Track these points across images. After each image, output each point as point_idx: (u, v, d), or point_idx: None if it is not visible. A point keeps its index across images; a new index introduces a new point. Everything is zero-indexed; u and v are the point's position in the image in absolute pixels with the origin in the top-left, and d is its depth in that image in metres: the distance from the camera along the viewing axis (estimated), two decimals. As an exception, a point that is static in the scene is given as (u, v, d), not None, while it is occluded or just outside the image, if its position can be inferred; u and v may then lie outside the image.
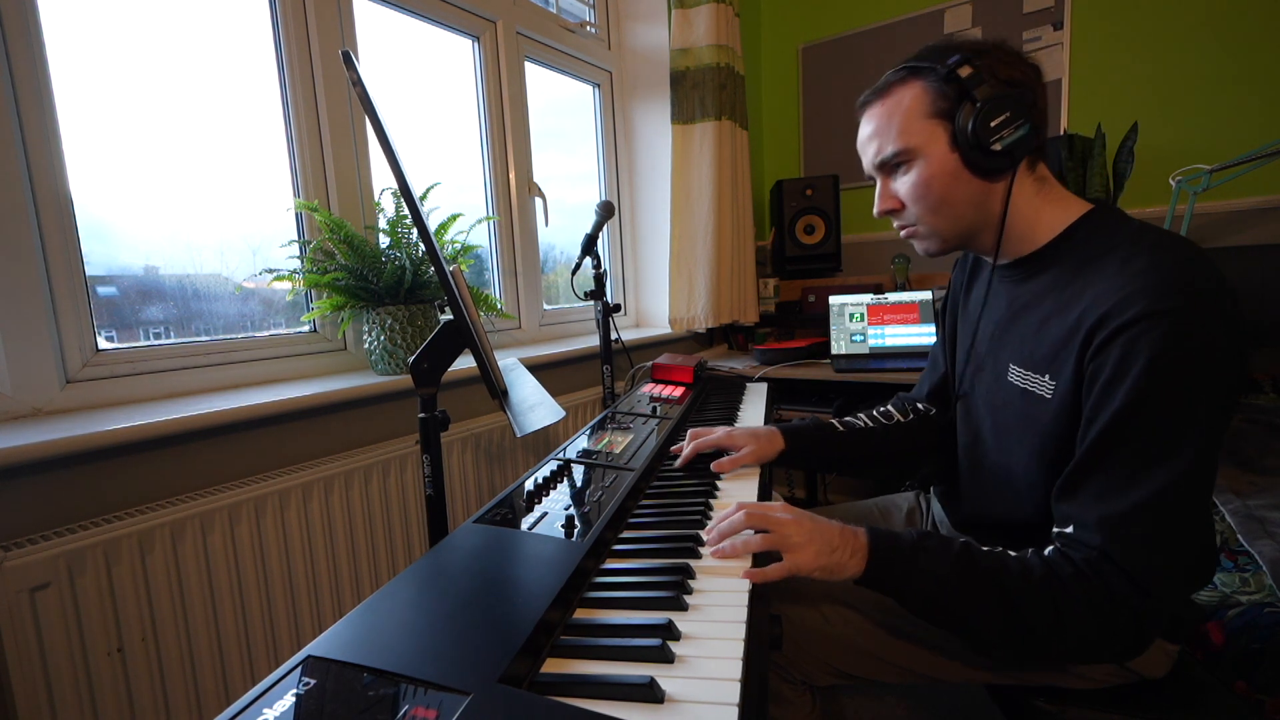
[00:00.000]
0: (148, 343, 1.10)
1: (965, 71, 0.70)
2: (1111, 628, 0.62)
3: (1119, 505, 0.62)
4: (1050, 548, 0.67)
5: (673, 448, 1.01)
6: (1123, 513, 0.61)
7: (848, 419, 1.07)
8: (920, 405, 1.08)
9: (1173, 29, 1.92)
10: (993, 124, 0.69)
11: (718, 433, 0.98)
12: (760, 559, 0.66)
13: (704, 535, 0.70)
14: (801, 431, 1.01)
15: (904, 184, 0.77)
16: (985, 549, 0.68)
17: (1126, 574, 0.61)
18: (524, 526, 0.68)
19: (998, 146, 0.70)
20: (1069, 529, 0.66)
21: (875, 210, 0.82)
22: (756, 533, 0.67)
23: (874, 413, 1.08)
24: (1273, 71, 1.81)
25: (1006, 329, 0.81)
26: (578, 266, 1.48)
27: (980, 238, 0.79)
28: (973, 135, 0.70)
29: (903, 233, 0.82)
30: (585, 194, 2.25)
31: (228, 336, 1.20)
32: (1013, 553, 0.67)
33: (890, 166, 0.78)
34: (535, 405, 0.93)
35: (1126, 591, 0.61)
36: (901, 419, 1.06)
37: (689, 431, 1.00)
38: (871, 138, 0.79)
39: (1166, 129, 1.95)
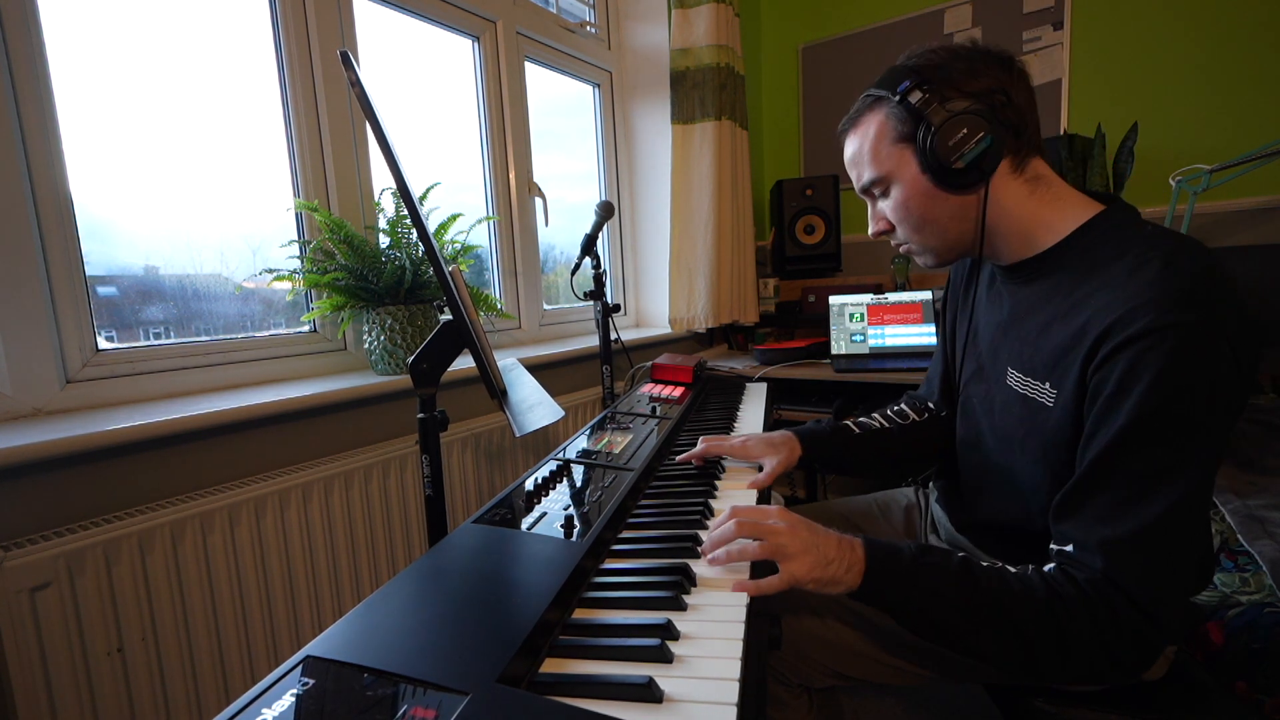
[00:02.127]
0: (148, 343, 1.10)
1: (915, 97, 0.71)
2: (1116, 650, 0.61)
3: (1121, 528, 0.60)
4: (1051, 565, 0.66)
5: (679, 456, 0.99)
6: (1125, 536, 0.60)
7: (862, 420, 1.06)
8: (931, 404, 1.07)
9: (1173, 29, 1.92)
10: (950, 144, 0.69)
11: (733, 441, 0.98)
12: (758, 567, 0.65)
13: (702, 542, 0.69)
14: (818, 436, 1.01)
15: (887, 207, 0.80)
16: (985, 565, 0.67)
17: (1130, 598, 0.60)
18: (523, 526, 0.68)
19: (960, 165, 0.70)
20: (1068, 548, 0.65)
21: (870, 232, 0.85)
22: (753, 540, 0.66)
23: (888, 412, 1.08)
24: (1273, 71, 1.81)
25: (1006, 332, 0.81)
26: (577, 266, 1.48)
27: (976, 247, 0.79)
28: (933, 157, 0.70)
29: (900, 250, 0.84)
30: (585, 194, 2.25)
31: (228, 336, 1.20)
32: (1012, 569, 0.66)
33: (871, 192, 0.81)
34: (534, 405, 0.93)
35: (1130, 615, 0.60)
36: (916, 418, 1.05)
37: (702, 438, 1.00)
38: (852, 164, 0.81)
39: (1166, 129, 1.94)
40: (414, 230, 1.24)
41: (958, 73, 0.71)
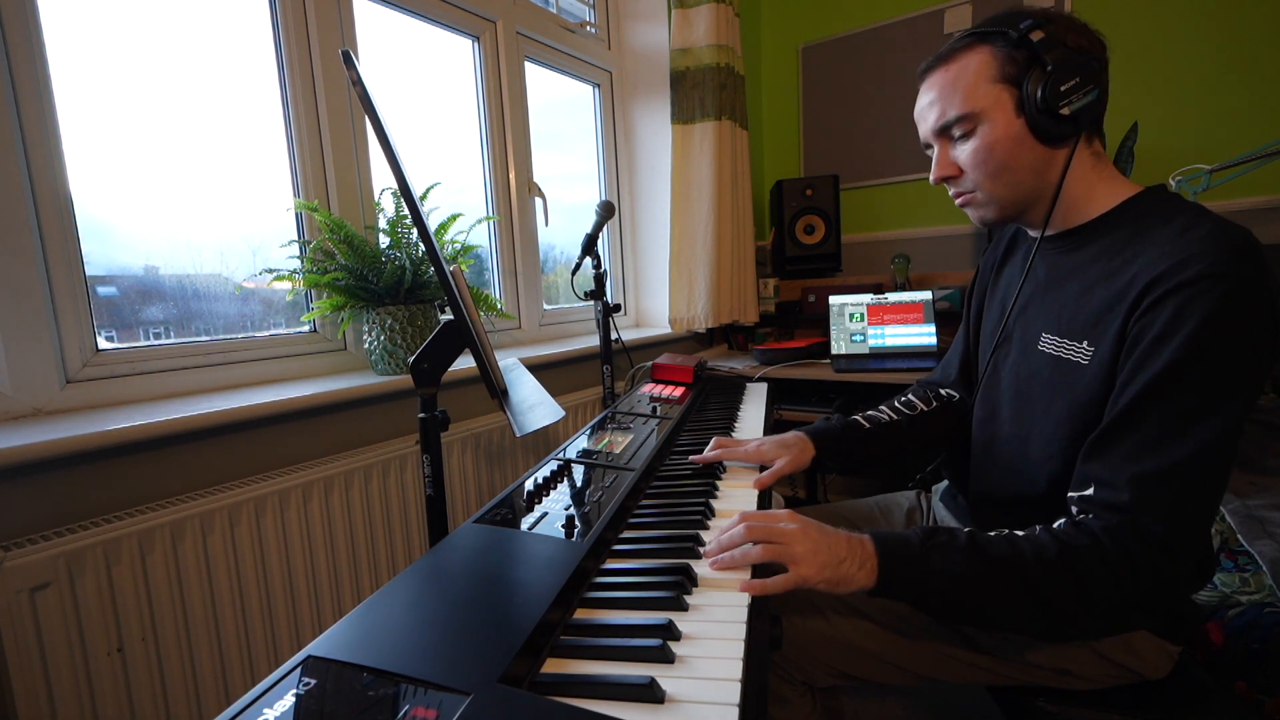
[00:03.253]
0: (148, 343, 1.10)
1: (1037, 35, 0.70)
2: (1135, 593, 0.62)
3: (1154, 463, 0.61)
4: (1060, 521, 0.66)
5: (692, 458, 0.98)
6: (1157, 471, 0.61)
7: (871, 414, 1.06)
8: (944, 391, 1.07)
9: (1172, 29, 1.92)
10: (1063, 88, 0.68)
11: (749, 447, 0.97)
12: (762, 569, 0.64)
13: (705, 547, 0.68)
14: (830, 434, 1.01)
15: (964, 150, 0.76)
16: (992, 534, 0.67)
17: (1149, 535, 0.60)
18: (524, 526, 0.68)
19: (1067, 111, 0.69)
20: (1089, 490, 0.65)
21: (932, 177, 0.81)
22: (759, 543, 0.65)
23: (896, 404, 1.07)
24: (1273, 71, 1.81)
25: (1042, 299, 0.81)
26: (578, 266, 1.48)
27: (1035, 208, 0.79)
28: (1042, 100, 0.69)
29: (958, 200, 0.81)
30: (585, 194, 2.25)
31: (228, 336, 1.20)
32: (1020, 532, 0.67)
33: (951, 132, 0.77)
34: (535, 405, 0.93)
35: (1149, 553, 0.60)
36: (925, 408, 1.05)
37: (715, 439, 0.99)
38: (933, 104, 0.77)
39: (1166, 129, 1.95)
40: (414, 230, 1.24)
41: (1071, 27, 0.71)
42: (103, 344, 1.02)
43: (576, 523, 0.70)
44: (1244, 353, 0.60)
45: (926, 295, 1.92)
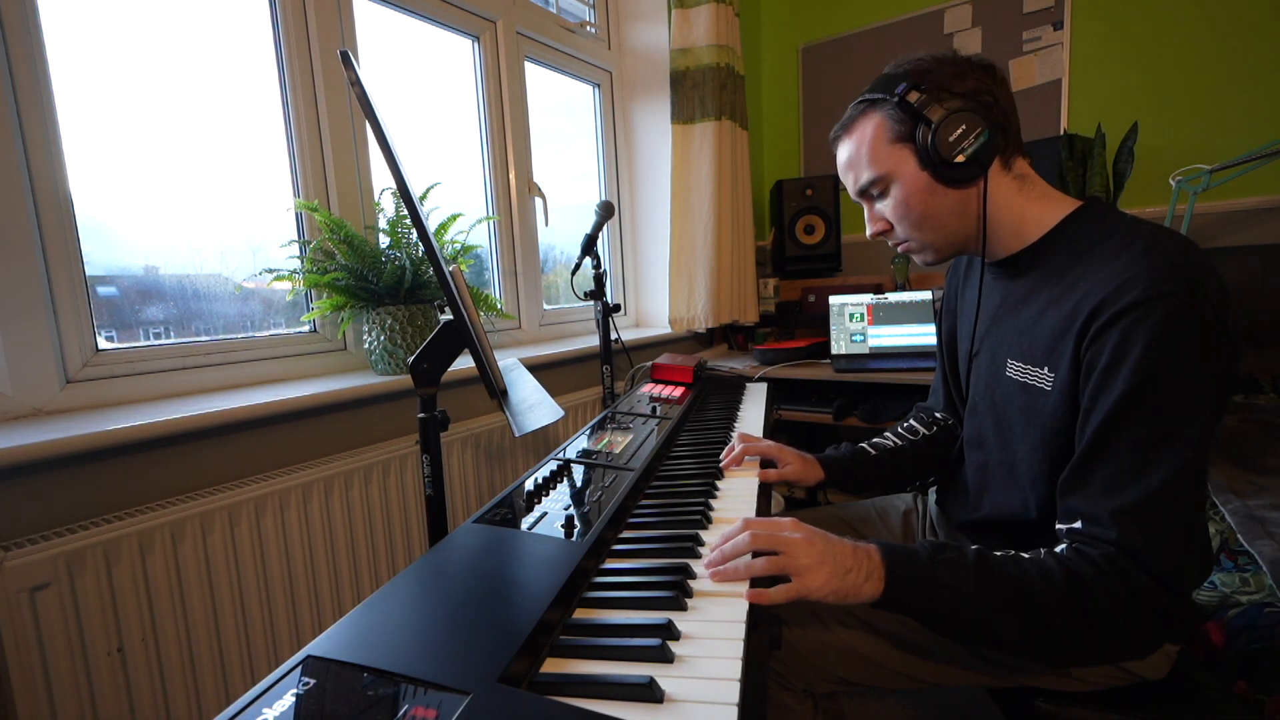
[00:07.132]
0: (148, 343, 1.10)
1: (914, 97, 0.74)
2: (1137, 623, 0.62)
3: (1131, 496, 0.61)
4: (1062, 546, 0.66)
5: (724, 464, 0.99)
6: (1136, 503, 0.61)
7: (877, 441, 1.08)
8: (939, 415, 1.09)
9: (1173, 29, 1.92)
10: (951, 139, 0.72)
11: (766, 444, 1.00)
12: (764, 579, 0.63)
13: (706, 551, 0.67)
14: (839, 462, 1.04)
15: (886, 207, 0.82)
16: (999, 555, 0.67)
17: (1146, 567, 0.61)
18: (524, 526, 0.68)
19: (961, 158, 0.72)
20: (1078, 524, 0.65)
21: (868, 233, 0.87)
22: (761, 553, 0.64)
23: (899, 429, 1.09)
24: (1272, 71, 1.81)
25: (1003, 325, 0.82)
26: (578, 266, 1.48)
27: (973, 242, 0.81)
28: (935, 153, 0.73)
29: (900, 249, 0.86)
30: (585, 194, 2.25)
31: (228, 336, 1.20)
32: (1026, 555, 0.66)
33: (870, 193, 0.82)
34: (534, 405, 0.93)
35: (1148, 585, 0.60)
36: (926, 432, 1.07)
37: (738, 434, 1.02)
38: (847, 169, 0.83)
39: (1166, 129, 1.95)
40: (414, 230, 1.24)
41: (947, 75, 0.74)
42: (103, 344, 1.03)
43: (576, 523, 0.70)
44: (1195, 366, 0.60)
45: (926, 295, 1.92)
